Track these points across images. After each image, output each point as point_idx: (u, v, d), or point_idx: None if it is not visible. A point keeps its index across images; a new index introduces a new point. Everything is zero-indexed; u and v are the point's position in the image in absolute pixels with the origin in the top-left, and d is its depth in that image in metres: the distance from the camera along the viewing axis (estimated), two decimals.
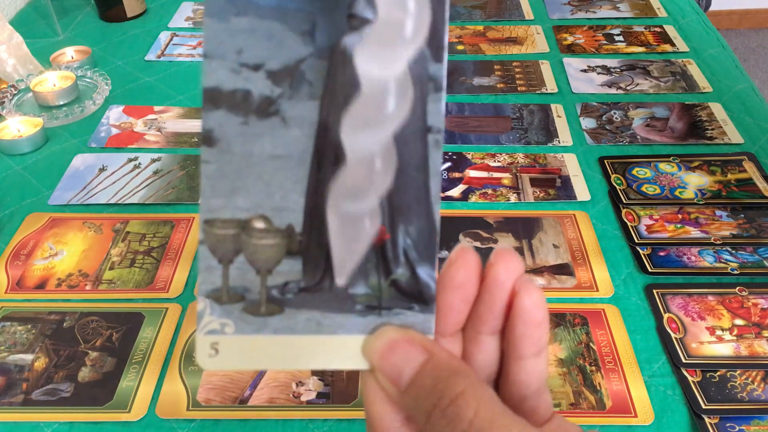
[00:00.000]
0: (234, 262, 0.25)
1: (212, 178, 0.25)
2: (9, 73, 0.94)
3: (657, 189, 0.74)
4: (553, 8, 1.12)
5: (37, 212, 0.73)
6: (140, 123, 0.87)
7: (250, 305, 0.26)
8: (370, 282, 0.26)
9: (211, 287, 0.25)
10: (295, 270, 0.26)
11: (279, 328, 0.26)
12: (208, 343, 0.25)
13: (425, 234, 0.26)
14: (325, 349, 0.26)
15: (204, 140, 0.25)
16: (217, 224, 0.25)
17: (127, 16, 1.10)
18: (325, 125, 0.25)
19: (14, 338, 0.60)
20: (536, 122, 0.85)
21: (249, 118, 0.25)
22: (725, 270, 0.64)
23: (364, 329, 0.26)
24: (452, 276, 0.25)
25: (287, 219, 0.25)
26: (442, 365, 0.24)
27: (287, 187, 0.25)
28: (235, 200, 0.25)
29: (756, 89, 0.92)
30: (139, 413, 0.54)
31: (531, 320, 0.25)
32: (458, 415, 0.23)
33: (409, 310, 0.26)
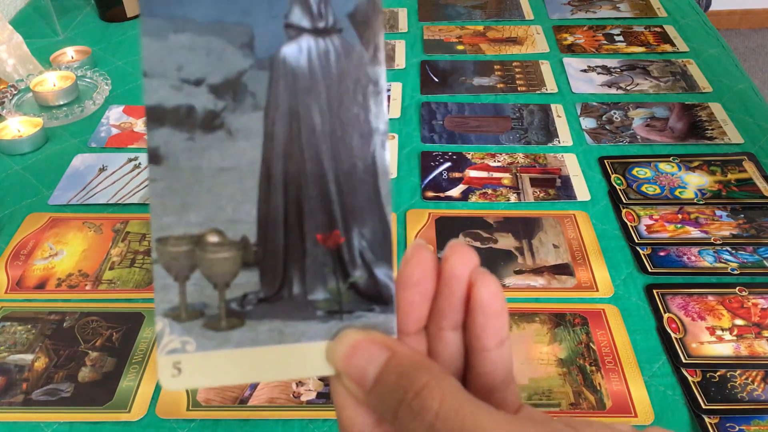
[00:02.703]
0: (190, 278, 0.25)
1: (162, 196, 0.25)
2: (9, 73, 0.94)
3: (657, 189, 0.74)
4: (553, 8, 1.12)
5: (37, 212, 0.73)
6: (140, 123, 0.87)
7: (210, 320, 0.25)
8: (329, 287, 0.26)
9: (169, 306, 0.25)
10: (252, 281, 0.26)
11: (241, 341, 0.25)
12: (170, 363, 0.25)
13: (379, 235, 0.26)
14: (290, 359, 0.25)
15: (151, 158, 0.25)
16: (170, 242, 0.25)
17: (127, 16, 1.10)
18: (272, 134, 0.25)
19: (14, 338, 0.60)
20: (536, 122, 0.86)
21: (194, 133, 0.25)
22: (725, 270, 0.64)
23: (326, 335, 0.26)
24: (409, 273, 0.25)
25: (241, 231, 0.25)
26: (405, 361, 0.24)
27: (238, 199, 0.25)
28: (187, 216, 0.25)
29: (756, 89, 0.92)
30: (139, 413, 0.54)
31: (490, 311, 0.25)
32: (424, 407, 0.23)
33: (370, 311, 0.26)
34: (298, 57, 0.25)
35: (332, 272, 0.26)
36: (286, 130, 0.25)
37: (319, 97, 0.25)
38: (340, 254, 0.26)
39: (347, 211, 0.26)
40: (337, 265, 0.26)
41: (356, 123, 0.25)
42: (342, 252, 0.26)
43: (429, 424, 0.23)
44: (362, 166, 0.26)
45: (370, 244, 0.26)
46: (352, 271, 0.26)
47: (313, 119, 0.25)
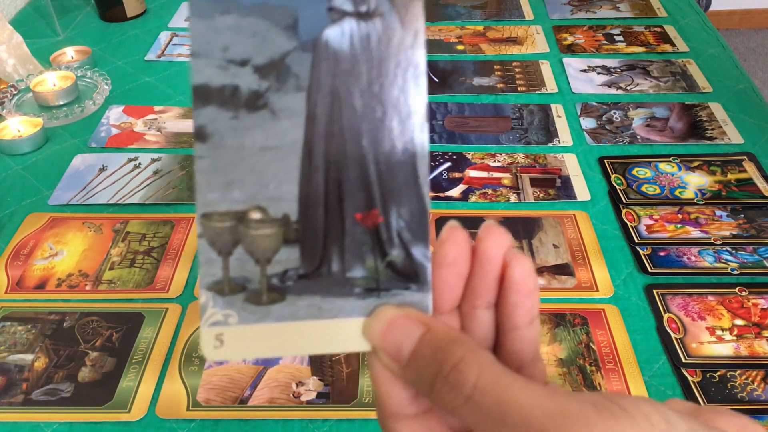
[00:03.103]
0: (233, 253, 0.26)
1: (207, 173, 0.26)
2: (9, 73, 0.94)
3: (657, 189, 0.74)
4: (553, 8, 1.12)
5: (37, 212, 0.73)
6: (140, 123, 0.87)
7: (252, 295, 0.26)
8: (367, 265, 0.26)
9: (213, 279, 0.26)
10: (293, 258, 0.26)
11: (281, 316, 0.26)
12: (213, 335, 0.26)
13: (417, 215, 0.26)
14: (328, 334, 0.26)
15: (197, 136, 0.26)
16: (214, 218, 0.26)
17: (127, 16, 1.10)
18: (314, 115, 0.26)
19: (14, 338, 0.60)
20: (536, 122, 0.86)
21: (239, 113, 0.26)
22: (725, 270, 0.64)
23: (364, 311, 0.26)
24: (445, 254, 0.26)
25: (282, 208, 0.26)
26: (441, 336, 0.24)
27: (280, 178, 0.26)
28: (231, 193, 0.26)
29: (756, 89, 0.92)
30: (139, 413, 0.54)
31: (523, 290, 0.25)
32: (461, 380, 0.23)
33: (407, 290, 0.26)
34: (341, 40, 0.26)
35: (370, 251, 0.26)
36: (328, 111, 0.26)
37: (360, 80, 0.26)
38: (378, 233, 0.26)
39: (386, 191, 0.26)
40: (376, 244, 0.26)
41: (396, 105, 0.26)
42: (380, 231, 0.26)
43: (466, 396, 0.23)
44: (401, 148, 0.26)
45: (407, 223, 0.26)
46: (390, 250, 0.26)
47: (353, 101, 0.26)
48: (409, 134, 0.26)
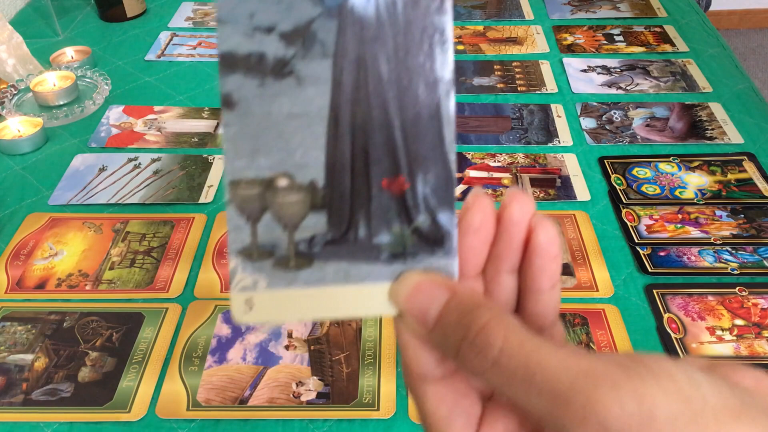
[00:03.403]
0: (261, 220, 0.26)
1: (234, 140, 0.26)
2: (9, 73, 0.94)
3: (657, 189, 0.74)
4: (553, 8, 1.12)
5: (37, 212, 0.73)
6: (140, 123, 0.87)
7: (280, 260, 0.26)
8: (393, 231, 0.27)
9: (241, 245, 0.26)
10: (320, 223, 0.26)
11: (309, 281, 0.26)
12: (242, 300, 0.26)
13: (443, 181, 0.27)
14: (354, 298, 0.27)
15: (224, 103, 0.26)
16: (242, 184, 0.26)
17: (127, 16, 1.10)
18: (339, 82, 0.26)
19: (14, 338, 0.60)
20: (536, 122, 0.86)
21: (265, 80, 0.26)
22: (725, 270, 0.64)
23: (390, 276, 0.26)
24: (470, 220, 0.26)
25: (309, 175, 0.26)
26: (466, 300, 0.25)
27: (307, 144, 0.26)
28: (258, 160, 0.26)
29: (756, 89, 0.92)
30: (139, 413, 0.54)
31: (547, 254, 0.26)
32: (487, 343, 0.23)
33: (433, 255, 0.26)
34: (366, 5, 0.26)
35: (397, 217, 0.27)
36: (354, 77, 0.26)
37: (386, 46, 0.26)
38: (404, 199, 0.27)
39: (412, 157, 0.26)
40: (402, 210, 0.27)
41: (422, 72, 0.26)
42: (406, 197, 0.27)
43: (493, 359, 0.23)
44: (427, 114, 0.26)
45: (433, 190, 0.27)
46: (416, 216, 0.27)
47: (379, 67, 0.26)
48: (436, 100, 0.26)
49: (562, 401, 0.22)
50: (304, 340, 0.59)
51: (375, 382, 0.56)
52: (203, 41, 1.05)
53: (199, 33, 1.07)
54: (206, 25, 1.09)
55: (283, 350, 0.58)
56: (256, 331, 0.60)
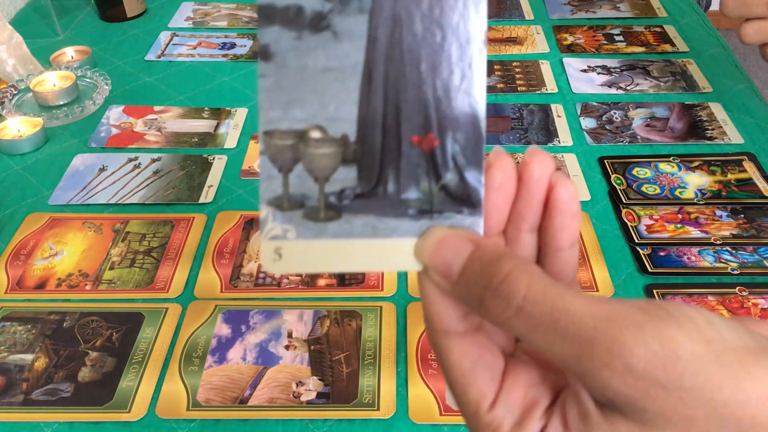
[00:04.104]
0: (293, 170, 0.27)
1: (269, 91, 0.26)
2: (9, 73, 0.94)
3: (657, 189, 0.74)
4: (553, 8, 1.12)
5: (37, 212, 0.73)
6: (140, 123, 0.87)
7: (310, 211, 0.27)
8: (422, 187, 0.27)
9: (273, 195, 0.27)
10: (350, 177, 0.27)
11: (337, 233, 0.27)
12: (272, 248, 0.27)
13: (472, 140, 0.27)
14: (381, 252, 0.27)
15: (261, 55, 0.26)
16: (275, 135, 0.27)
17: (127, 16, 1.10)
18: (374, 38, 0.26)
19: (14, 338, 0.60)
20: (536, 122, 0.86)
21: (302, 33, 0.26)
22: (725, 270, 0.64)
23: (416, 232, 0.27)
24: (492, 178, 0.27)
25: (342, 128, 0.27)
26: (489, 251, 0.25)
27: (340, 98, 0.27)
28: (292, 112, 0.26)
29: (756, 89, 0.92)
30: (139, 413, 0.54)
31: (568, 211, 0.27)
32: (511, 291, 0.24)
33: (459, 213, 0.27)
34: None
35: (425, 173, 0.27)
36: (389, 34, 0.26)
37: (421, 4, 0.26)
38: (433, 157, 0.27)
39: (443, 115, 0.27)
40: (431, 167, 0.27)
41: (455, 31, 0.26)
42: (435, 155, 0.27)
43: (517, 307, 0.23)
44: (459, 73, 0.26)
45: (462, 148, 0.27)
46: (444, 173, 0.27)
47: (414, 25, 0.26)
48: (468, 60, 0.26)
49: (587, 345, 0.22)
50: (304, 340, 0.59)
51: (375, 382, 0.56)
52: (203, 41, 1.05)
53: (199, 33, 1.07)
54: (206, 25, 1.09)
55: (283, 350, 0.58)
56: (256, 331, 0.60)
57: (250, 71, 0.97)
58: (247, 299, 0.63)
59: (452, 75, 0.26)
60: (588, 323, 0.22)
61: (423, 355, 0.57)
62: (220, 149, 0.82)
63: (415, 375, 0.56)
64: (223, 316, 0.61)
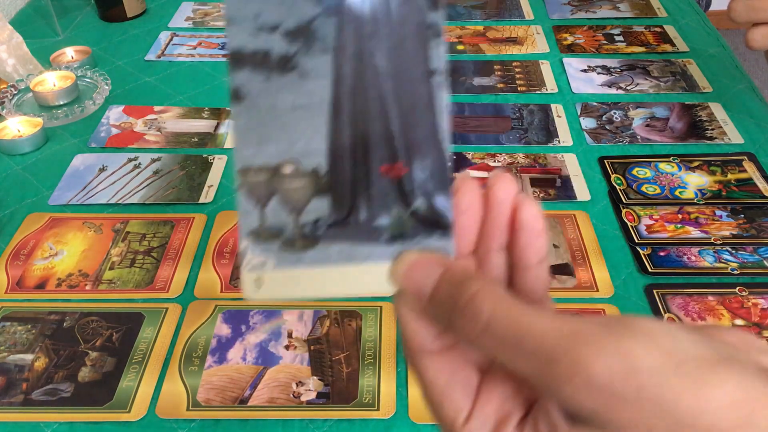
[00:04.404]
0: (269, 204, 0.28)
1: (242, 131, 0.28)
2: (9, 73, 0.94)
3: (657, 189, 0.74)
4: (553, 8, 1.12)
5: (37, 212, 0.73)
6: (140, 123, 0.87)
7: (287, 242, 0.28)
8: (392, 214, 0.28)
9: (251, 228, 0.28)
10: (324, 207, 0.28)
11: (314, 261, 0.28)
12: (252, 278, 0.28)
13: (438, 166, 0.28)
14: (357, 277, 0.28)
15: (233, 97, 0.28)
16: (250, 172, 0.28)
17: (127, 16, 1.10)
18: (339, 75, 0.28)
19: (14, 338, 0.60)
20: (536, 122, 0.85)
21: (270, 75, 0.28)
22: (725, 270, 0.64)
23: (390, 257, 0.28)
24: (459, 202, 0.28)
25: (313, 162, 0.28)
26: (457, 273, 0.26)
27: (310, 134, 0.28)
28: (265, 149, 0.28)
29: (756, 89, 0.92)
30: (139, 413, 0.54)
31: (532, 230, 0.28)
32: (476, 311, 0.25)
33: (430, 237, 0.28)
34: (362, 3, 0.28)
35: (395, 201, 0.28)
36: (353, 71, 0.28)
37: (382, 41, 0.28)
38: (402, 184, 0.28)
39: (409, 145, 0.28)
40: (400, 195, 0.28)
41: (416, 65, 0.28)
42: (404, 182, 0.28)
43: (483, 325, 0.24)
44: (422, 104, 0.28)
45: (430, 175, 0.28)
46: (414, 200, 0.28)
47: (377, 61, 0.28)
48: (430, 91, 0.28)
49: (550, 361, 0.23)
50: (304, 340, 0.59)
51: (375, 382, 0.56)
52: (203, 41, 1.05)
53: (199, 33, 1.07)
54: (206, 25, 1.09)
55: (283, 350, 0.58)
56: (256, 331, 0.60)
57: None
58: None
59: (415, 106, 0.28)
60: (550, 340, 0.23)
61: None
62: (220, 149, 0.82)
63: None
64: (223, 316, 0.61)
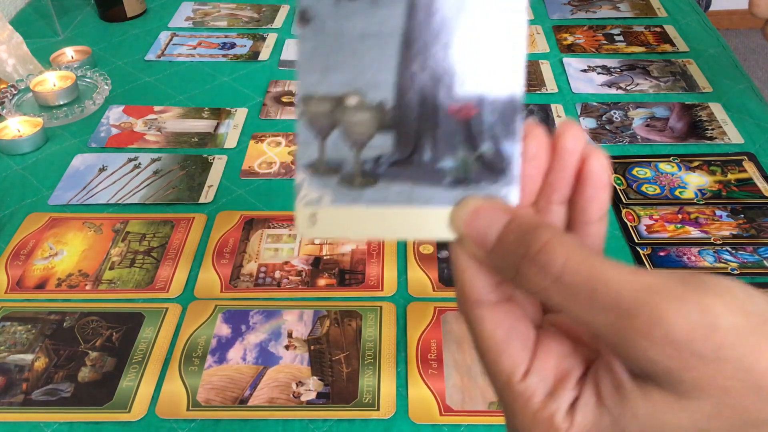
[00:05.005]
0: (330, 136, 0.27)
1: (308, 56, 0.26)
2: (9, 73, 0.94)
3: (657, 189, 0.74)
4: (553, 8, 1.12)
5: (37, 212, 0.73)
6: (140, 123, 0.87)
7: (346, 177, 0.27)
8: (458, 156, 0.27)
9: (309, 160, 0.27)
10: (387, 144, 0.27)
11: (373, 200, 0.27)
12: (307, 214, 0.27)
13: (509, 110, 0.27)
14: (416, 221, 0.27)
15: (300, 19, 0.26)
16: (313, 100, 0.27)
17: (127, 16, 1.10)
18: (414, 5, 0.26)
19: (14, 338, 0.60)
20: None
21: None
22: (725, 270, 0.64)
23: (451, 201, 0.27)
24: (526, 148, 0.27)
25: (379, 95, 0.27)
26: (526, 221, 0.25)
27: (378, 65, 0.26)
28: (330, 77, 0.26)
29: (756, 89, 0.92)
30: (139, 413, 0.54)
31: (599, 182, 0.27)
32: (549, 260, 0.24)
33: (495, 183, 0.27)
34: None
35: (462, 143, 0.27)
36: (428, 1, 0.26)
37: None
38: (470, 126, 0.27)
39: (480, 85, 0.27)
40: (467, 137, 0.27)
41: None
42: (472, 124, 0.27)
43: (555, 276, 0.23)
44: (497, 43, 0.26)
45: (499, 118, 0.27)
46: (481, 143, 0.27)
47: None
48: (506, 28, 0.26)
49: (626, 315, 0.22)
50: (304, 340, 0.59)
51: (375, 382, 0.56)
52: (203, 41, 1.05)
53: (199, 33, 1.07)
54: (206, 25, 1.09)
55: (283, 350, 0.58)
56: (256, 331, 0.60)
57: (251, 71, 0.97)
58: (247, 299, 0.63)
59: (490, 44, 0.26)
60: (627, 293, 0.22)
61: (423, 355, 0.57)
62: (220, 149, 0.82)
63: (415, 375, 0.56)
64: (223, 316, 0.61)
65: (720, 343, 0.21)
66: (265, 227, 0.70)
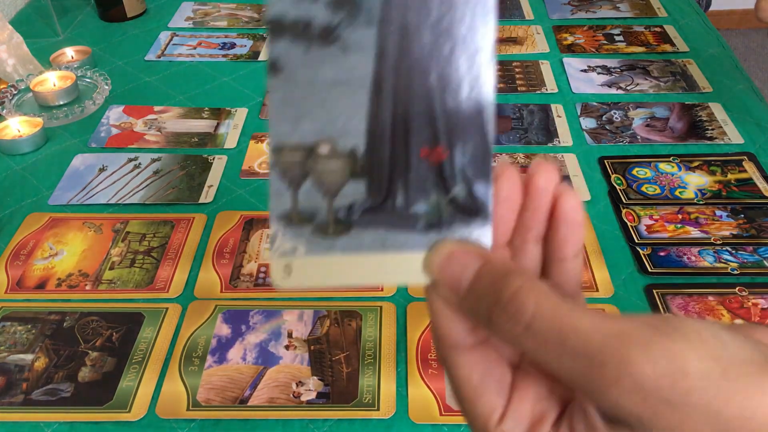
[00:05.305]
0: (302, 186, 0.27)
1: (279, 106, 0.26)
2: (9, 73, 0.94)
3: (657, 189, 0.74)
4: (553, 8, 1.12)
5: (37, 212, 0.73)
6: (140, 123, 0.87)
7: (319, 226, 0.27)
8: (431, 200, 0.27)
9: (282, 210, 0.27)
10: (359, 191, 0.27)
11: (347, 248, 0.27)
12: (282, 265, 0.27)
13: (480, 152, 0.27)
14: (390, 266, 0.27)
15: (270, 69, 0.26)
16: (285, 150, 0.26)
17: (127, 16, 1.10)
18: (383, 50, 0.26)
19: (14, 338, 0.60)
20: (536, 122, 0.85)
21: (311, 46, 0.26)
22: (725, 270, 0.64)
23: (426, 246, 0.27)
24: (499, 189, 0.27)
25: (350, 142, 0.26)
26: (498, 267, 0.25)
27: (349, 112, 0.26)
28: (302, 126, 0.26)
29: (756, 89, 0.92)
30: (139, 413, 0.54)
31: (572, 222, 0.27)
32: (519, 308, 0.24)
33: (468, 226, 0.27)
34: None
35: (434, 186, 0.27)
36: (397, 46, 0.26)
37: (430, 15, 0.26)
38: (442, 169, 0.27)
39: (451, 127, 0.27)
40: (439, 180, 0.27)
41: (464, 41, 0.26)
42: (444, 167, 0.27)
43: (525, 324, 0.23)
44: (468, 85, 0.26)
45: (471, 160, 0.27)
46: (453, 186, 0.27)
47: (422, 37, 0.26)
48: (477, 71, 0.26)
49: (595, 362, 0.22)
50: (304, 340, 0.59)
51: (375, 382, 0.56)
52: (203, 41, 1.05)
53: (199, 33, 1.07)
54: (206, 25, 1.09)
55: (283, 350, 0.58)
56: (256, 331, 0.60)
57: (250, 71, 0.97)
58: (247, 299, 0.63)
59: (461, 87, 0.26)
60: (596, 341, 0.22)
61: (423, 355, 0.57)
62: (220, 149, 0.82)
63: (415, 375, 0.56)
64: (223, 316, 0.61)
65: (688, 389, 0.21)
66: (265, 227, 0.70)
